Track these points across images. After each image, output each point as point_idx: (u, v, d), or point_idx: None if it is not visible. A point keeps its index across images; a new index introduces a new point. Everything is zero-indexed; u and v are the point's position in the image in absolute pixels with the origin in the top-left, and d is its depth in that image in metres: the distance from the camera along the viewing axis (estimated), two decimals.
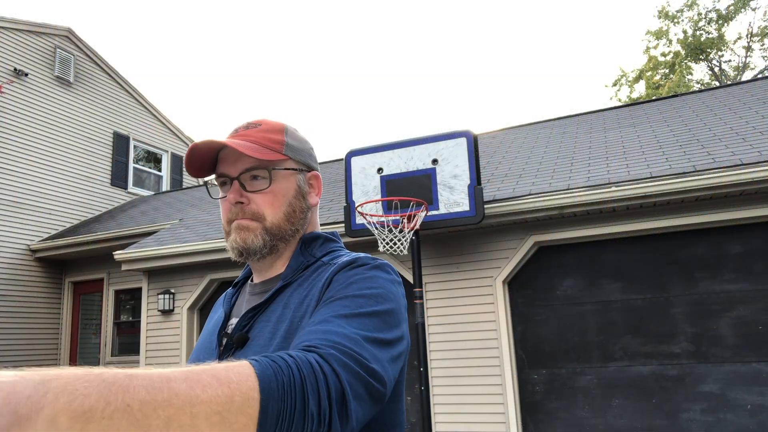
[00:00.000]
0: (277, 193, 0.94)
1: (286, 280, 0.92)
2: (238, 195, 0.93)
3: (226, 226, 0.96)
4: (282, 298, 0.90)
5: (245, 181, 0.93)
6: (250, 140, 0.93)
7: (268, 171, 0.94)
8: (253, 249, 0.92)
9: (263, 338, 0.85)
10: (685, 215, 5.02)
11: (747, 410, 4.71)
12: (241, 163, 0.93)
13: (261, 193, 0.93)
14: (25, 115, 9.52)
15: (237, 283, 1.06)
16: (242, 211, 0.93)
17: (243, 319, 0.90)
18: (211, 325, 1.03)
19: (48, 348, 9.16)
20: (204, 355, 0.95)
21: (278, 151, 0.95)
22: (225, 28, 77.90)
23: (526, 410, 5.37)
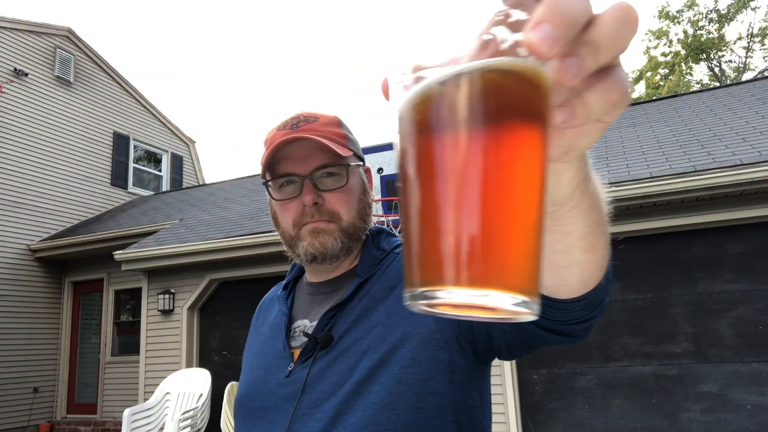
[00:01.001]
0: (351, 191, 0.90)
1: (363, 276, 0.89)
2: (315, 195, 0.87)
3: (291, 230, 0.90)
4: (361, 295, 0.87)
5: (317, 179, 0.88)
6: (320, 135, 0.87)
7: (345, 167, 0.89)
8: (332, 253, 0.88)
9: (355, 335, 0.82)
10: (685, 215, 5.02)
11: (747, 410, 4.71)
12: (311, 160, 0.88)
13: (335, 191, 0.88)
14: (25, 115, 9.52)
15: (287, 284, 1.02)
16: (318, 212, 0.87)
17: (324, 318, 0.86)
18: (266, 329, 0.99)
19: (48, 348, 9.16)
20: (271, 360, 0.91)
21: (345, 145, 0.91)
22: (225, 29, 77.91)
23: (526, 410, 5.37)
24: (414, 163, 0.31)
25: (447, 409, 0.76)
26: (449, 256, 0.28)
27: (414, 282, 0.30)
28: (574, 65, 0.29)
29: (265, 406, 0.86)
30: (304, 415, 0.80)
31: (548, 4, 0.28)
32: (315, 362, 0.83)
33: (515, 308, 0.28)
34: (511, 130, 0.29)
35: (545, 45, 0.27)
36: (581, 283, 0.53)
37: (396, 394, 0.75)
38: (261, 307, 1.09)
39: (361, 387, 0.77)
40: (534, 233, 0.30)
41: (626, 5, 0.30)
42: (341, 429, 0.76)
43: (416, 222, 0.31)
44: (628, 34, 0.30)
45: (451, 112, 0.29)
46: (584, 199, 0.42)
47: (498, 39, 0.29)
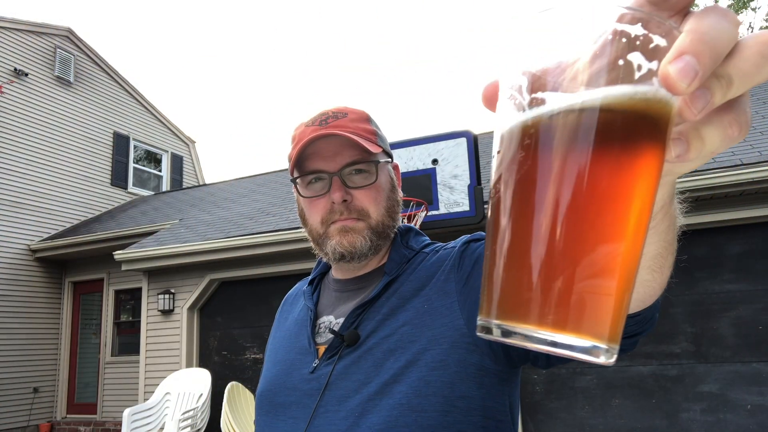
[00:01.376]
0: (380, 188, 0.89)
1: (392, 275, 0.88)
2: (344, 193, 0.85)
3: (320, 228, 0.88)
4: (389, 293, 0.86)
5: (345, 176, 0.86)
6: (350, 131, 0.86)
7: (375, 164, 0.88)
8: (361, 252, 0.86)
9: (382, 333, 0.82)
10: (686, 215, 4.99)
11: (747, 410, 4.71)
12: (341, 157, 0.86)
13: (365, 188, 0.87)
14: (25, 115, 9.52)
15: (313, 280, 1.01)
16: (347, 209, 0.86)
17: (351, 315, 0.85)
18: (290, 324, 0.98)
19: (48, 348, 9.16)
20: (295, 355, 0.90)
21: (375, 142, 0.89)
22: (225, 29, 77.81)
23: (526, 410, 5.37)
24: (515, 190, 0.29)
25: (476, 413, 0.75)
26: (539, 293, 0.27)
27: (492, 312, 0.29)
28: (702, 99, 0.27)
29: (288, 401, 0.86)
30: (327, 411, 0.80)
31: (695, 33, 0.26)
32: (340, 359, 0.82)
33: (593, 358, 0.27)
34: (626, 169, 0.27)
35: (685, 80, 0.25)
36: (641, 301, 0.52)
37: (423, 396, 0.74)
38: (286, 302, 1.08)
39: (386, 387, 0.76)
40: (632, 280, 0.29)
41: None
42: (365, 428, 0.75)
43: (508, 251, 0.29)
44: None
45: (567, 144, 0.27)
46: (665, 221, 0.41)
47: (634, 66, 0.27)
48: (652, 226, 0.40)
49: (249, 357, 6.85)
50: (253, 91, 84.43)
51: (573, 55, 0.28)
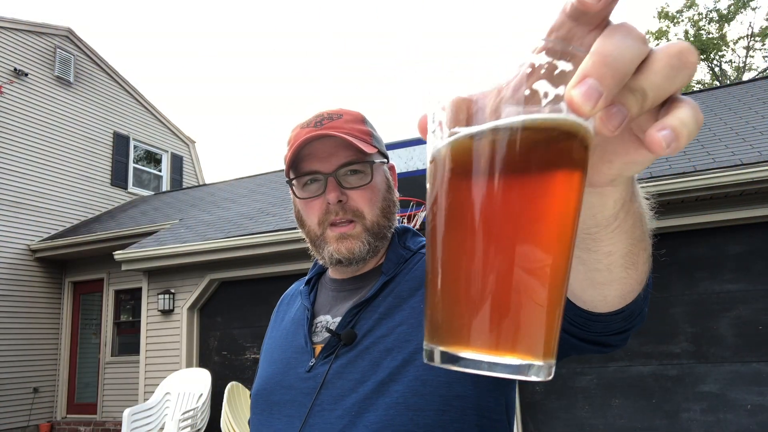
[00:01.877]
0: (375, 189, 0.89)
1: (389, 275, 0.88)
2: (339, 193, 0.86)
3: (317, 229, 0.89)
4: (386, 293, 0.86)
5: (341, 177, 0.87)
6: (344, 132, 0.86)
7: (369, 165, 0.88)
8: (360, 257, 0.87)
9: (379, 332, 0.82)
10: (685, 215, 5.02)
11: (747, 410, 4.71)
12: (336, 158, 0.87)
13: (360, 189, 0.87)
14: (25, 115, 9.51)
15: (310, 280, 1.01)
16: (342, 209, 0.86)
17: (348, 315, 0.86)
18: (287, 323, 0.98)
19: (48, 348, 9.16)
20: (291, 354, 0.91)
21: (370, 143, 0.90)
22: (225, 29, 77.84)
23: (526, 410, 5.37)
24: (440, 220, 0.31)
25: (471, 412, 0.76)
26: (472, 318, 0.29)
27: (435, 338, 0.30)
28: (618, 116, 0.27)
29: (284, 400, 0.86)
30: (323, 410, 0.80)
31: (597, 55, 0.26)
32: (337, 358, 0.83)
33: (531, 377, 0.28)
34: (542, 192, 0.28)
35: (588, 103, 0.26)
36: (621, 297, 0.53)
37: (420, 395, 0.75)
38: (282, 302, 1.08)
39: (383, 386, 0.77)
40: (561, 295, 0.30)
41: (682, 48, 0.28)
42: (361, 427, 0.75)
43: (441, 278, 0.31)
44: (681, 81, 0.28)
45: (484, 169, 0.28)
46: (628, 218, 0.41)
47: (540, 94, 0.28)
48: (616, 226, 0.41)
49: (249, 357, 6.85)
50: (253, 91, 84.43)
51: (487, 89, 0.29)
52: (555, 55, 0.28)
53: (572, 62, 0.28)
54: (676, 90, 0.28)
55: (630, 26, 0.28)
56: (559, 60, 0.28)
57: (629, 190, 0.39)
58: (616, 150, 0.33)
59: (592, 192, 0.37)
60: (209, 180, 13.96)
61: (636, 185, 0.42)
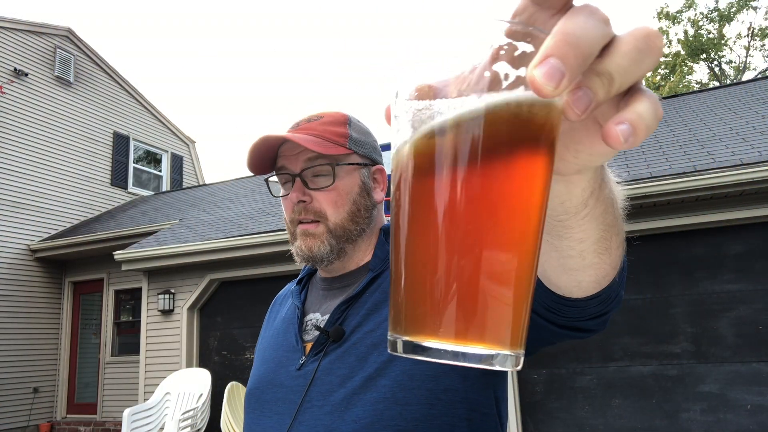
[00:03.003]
0: (341, 191, 0.89)
1: (376, 271, 0.89)
2: (301, 193, 0.88)
3: (291, 227, 0.91)
4: (373, 288, 0.87)
5: (308, 178, 0.88)
6: (313, 134, 0.88)
7: (332, 167, 0.88)
8: (319, 257, 0.88)
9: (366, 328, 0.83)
10: (685, 215, 5.02)
11: (747, 410, 4.71)
12: (302, 155, 0.88)
13: (324, 190, 0.88)
14: (25, 115, 9.51)
15: (301, 280, 1.03)
16: (305, 209, 0.88)
17: (336, 312, 0.87)
18: (278, 323, 0.99)
19: (48, 348, 9.16)
20: (283, 353, 0.92)
21: (342, 144, 0.90)
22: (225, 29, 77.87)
23: (526, 410, 5.37)
24: (405, 209, 0.30)
25: (459, 406, 0.76)
26: (438, 307, 0.28)
27: (399, 328, 0.30)
28: (584, 99, 0.27)
29: (275, 398, 0.87)
30: (312, 407, 0.81)
31: (560, 34, 0.26)
32: (326, 355, 0.84)
33: (498, 366, 0.28)
34: (506, 176, 0.28)
35: (550, 83, 0.25)
36: (596, 283, 0.53)
37: (407, 389, 0.75)
38: (275, 302, 1.09)
39: (370, 381, 0.77)
40: (529, 283, 0.29)
41: (648, 32, 0.27)
42: (349, 422, 0.76)
43: (405, 268, 0.30)
44: (648, 65, 0.27)
45: (446, 157, 0.28)
46: (598, 205, 0.41)
47: (501, 76, 0.27)
48: (585, 213, 0.41)
49: (249, 357, 6.85)
50: (253, 91, 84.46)
51: (449, 75, 0.29)
52: (516, 36, 0.28)
53: (533, 43, 0.27)
54: (642, 75, 0.28)
55: (593, 7, 0.27)
56: (520, 41, 0.27)
57: (598, 178, 0.38)
58: (581, 140, 0.33)
59: (559, 180, 0.36)
60: (209, 180, 13.97)
61: (606, 172, 0.41)
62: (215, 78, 79.86)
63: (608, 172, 0.42)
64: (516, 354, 0.28)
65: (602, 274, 0.51)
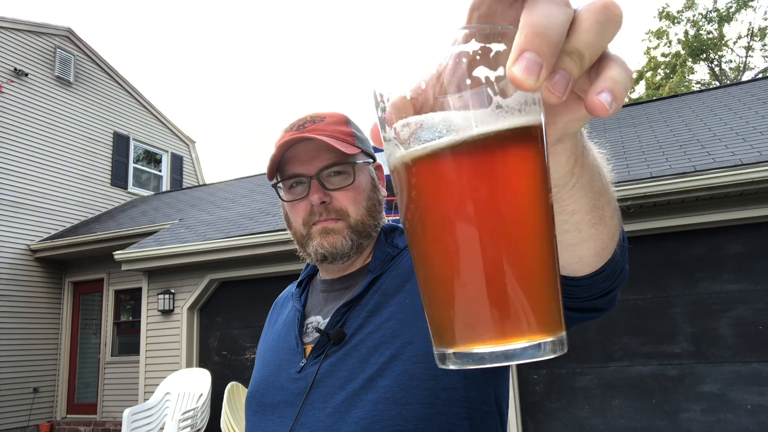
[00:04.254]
0: (359, 188, 0.90)
1: (376, 272, 0.89)
2: (323, 194, 0.87)
3: (302, 229, 0.90)
4: (373, 290, 0.87)
5: (324, 179, 0.88)
6: (326, 134, 0.88)
7: (351, 165, 0.89)
8: (342, 252, 0.88)
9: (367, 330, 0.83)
10: (685, 215, 5.02)
11: (747, 410, 4.71)
12: (318, 161, 0.88)
13: (343, 189, 0.88)
14: (25, 115, 9.51)
15: (301, 282, 1.03)
16: (326, 210, 0.88)
17: (336, 314, 0.87)
18: (279, 326, 0.99)
19: (48, 348, 9.16)
20: (283, 356, 0.92)
21: (352, 144, 0.91)
22: (225, 29, 77.85)
23: (526, 410, 5.37)
24: (419, 228, 0.31)
25: (460, 405, 0.76)
26: (478, 315, 0.29)
27: (444, 341, 0.31)
28: (562, 82, 0.28)
29: (276, 401, 0.87)
30: (314, 409, 0.81)
31: (527, 27, 0.26)
32: (326, 358, 0.84)
33: (550, 354, 0.29)
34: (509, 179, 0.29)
35: (531, 77, 0.26)
36: (596, 256, 0.53)
37: (407, 389, 0.75)
38: (276, 305, 1.09)
39: (370, 382, 0.77)
40: (553, 268, 0.30)
41: (606, 3, 0.28)
42: (350, 423, 0.76)
43: (439, 282, 0.31)
44: (611, 34, 0.29)
45: (451, 179, 0.29)
46: (584, 173, 0.42)
47: (482, 81, 0.28)
48: (573, 183, 0.42)
49: (249, 357, 6.85)
50: (253, 92, 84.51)
51: (426, 83, 0.29)
52: (485, 38, 0.28)
53: (504, 41, 0.28)
54: (608, 43, 0.29)
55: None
56: (491, 43, 0.28)
57: (578, 145, 0.39)
58: (559, 111, 0.34)
59: None
60: (209, 180, 13.97)
61: (585, 140, 0.42)
62: (215, 78, 79.88)
63: (589, 142, 0.43)
64: (559, 338, 0.29)
65: (601, 246, 0.52)
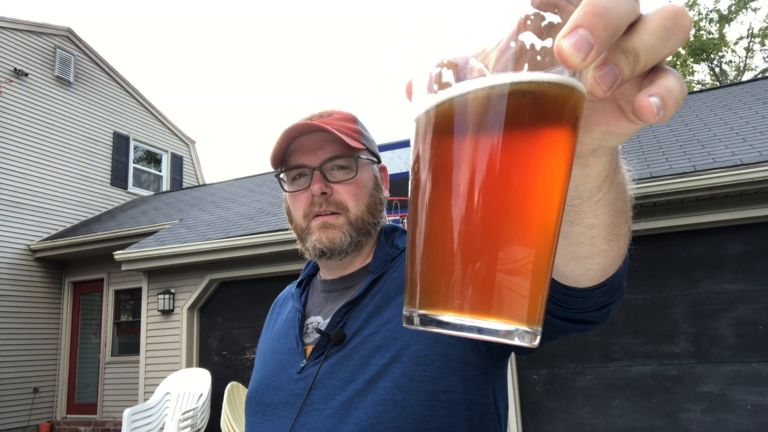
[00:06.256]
0: (360, 184, 0.90)
1: (377, 273, 0.88)
2: (324, 185, 0.87)
3: (302, 222, 0.90)
4: (374, 291, 0.87)
5: (327, 171, 0.88)
6: (333, 127, 0.88)
7: (354, 159, 0.89)
8: (340, 248, 0.87)
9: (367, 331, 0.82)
10: (685, 215, 5.02)
11: (747, 410, 4.71)
12: (322, 152, 0.88)
13: (345, 183, 0.88)
14: (25, 115, 9.51)
15: (301, 282, 1.02)
16: (326, 201, 0.87)
17: (337, 315, 0.87)
18: (279, 326, 0.99)
19: (48, 348, 9.16)
20: (283, 356, 0.91)
21: (358, 140, 0.91)
22: (225, 29, 77.87)
23: (526, 410, 5.37)
24: (427, 179, 0.30)
25: (459, 407, 0.76)
26: (459, 281, 0.28)
27: (414, 301, 0.30)
28: (611, 76, 0.27)
29: (276, 402, 0.87)
30: (314, 410, 0.80)
31: (588, 5, 0.25)
32: (327, 358, 0.84)
33: (516, 341, 0.28)
34: (534, 152, 0.27)
35: (579, 54, 0.25)
36: (602, 271, 0.53)
37: (407, 391, 0.75)
38: (276, 305, 1.09)
39: (371, 383, 0.77)
40: (548, 262, 0.29)
41: (676, 10, 0.27)
42: (351, 425, 0.76)
43: (425, 241, 0.30)
44: (675, 44, 0.27)
45: (470, 129, 0.28)
46: (611, 191, 0.41)
47: (526, 47, 0.27)
48: (599, 198, 0.41)
49: (249, 357, 6.85)
50: (253, 92, 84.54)
51: (475, 45, 0.28)
52: (543, 6, 0.27)
53: (561, 14, 0.27)
54: (669, 53, 0.28)
55: None
56: (547, 11, 0.27)
57: (613, 162, 0.39)
58: (597, 120, 0.33)
59: (575, 163, 0.36)
60: (209, 180, 13.97)
61: (620, 157, 0.41)
62: (215, 78, 79.90)
63: (621, 159, 0.42)
64: (534, 330, 0.28)
65: (610, 262, 0.51)
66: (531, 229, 0.28)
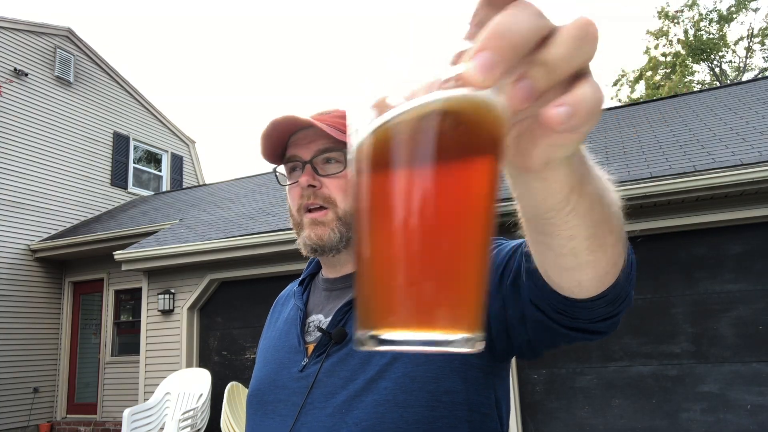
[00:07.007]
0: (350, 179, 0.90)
1: None
2: (311, 178, 0.88)
3: (297, 216, 0.91)
4: None
5: (318, 164, 0.90)
6: (327, 123, 0.90)
7: (344, 153, 0.90)
8: (329, 245, 0.88)
9: None
10: (685, 215, 5.02)
11: (747, 410, 4.71)
12: (314, 145, 0.90)
13: (333, 177, 0.89)
14: (25, 115, 9.51)
15: (303, 280, 1.02)
16: (314, 194, 0.89)
17: (338, 314, 0.87)
18: (280, 324, 0.99)
19: (48, 348, 9.16)
20: (285, 354, 0.91)
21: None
22: (225, 28, 77.93)
23: (526, 410, 5.37)
24: (357, 210, 0.32)
25: (460, 407, 0.76)
26: (393, 300, 0.29)
27: (362, 324, 0.31)
28: (525, 89, 0.28)
29: (277, 400, 0.87)
30: (314, 408, 0.81)
31: (491, 27, 0.27)
32: (328, 357, 0.84)
33: (458, 349, 0.29)
34: (450, 171, 0.29)
35: (480, 74, 0.26)
36: (596, 282, 0.52)
37: (408, 391, 0.75)
38: (277, 303, 1.09)
39: (371, 383, 0.77)
40: (477, 271, 0.30)
41: (585, 21, 0.29)
42: (351, 424, 0.76)
43: (361, 263, 0.31)
44: (586, 53, 0.29)
45: (387, 158, 0.29)
46: (582, 202, 0.41)
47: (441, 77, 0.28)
48: (569, 210, 0.41)
49: (249, 357, 6.85)
50: (253, 92, 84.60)
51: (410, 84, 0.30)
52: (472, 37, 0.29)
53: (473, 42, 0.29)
54: (583, 61, 0.29)
55: (525, 2, 0.29)
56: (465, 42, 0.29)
57: (576, 173, 0.39)
58: (538, 132, 0.33)
59: (534, 177, 0.38)
60: (209, 180, 13.96)
61: (588, 169, 0.41)
62: (215, 78, 79.92)
63: (593, 170, 0.43)
64: (475, 337, 0.29)
65: (601, 273, 0.51)
66: (452, 243, 0.29)
